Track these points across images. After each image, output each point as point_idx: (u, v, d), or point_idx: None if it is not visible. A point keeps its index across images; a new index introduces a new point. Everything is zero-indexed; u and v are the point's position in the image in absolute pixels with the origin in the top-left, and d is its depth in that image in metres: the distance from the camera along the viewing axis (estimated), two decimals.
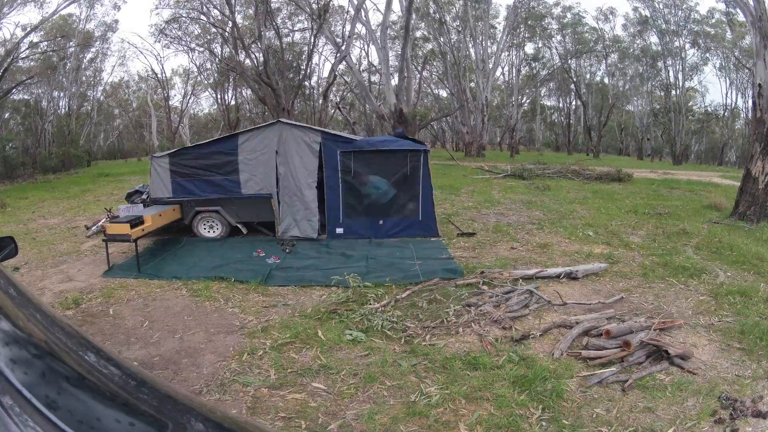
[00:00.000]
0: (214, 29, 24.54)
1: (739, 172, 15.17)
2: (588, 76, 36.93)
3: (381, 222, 7.27)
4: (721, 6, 26.45)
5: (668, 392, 3.05)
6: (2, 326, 0.51)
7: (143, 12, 56.14)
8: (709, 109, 34.74)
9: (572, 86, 35.12)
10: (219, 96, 33.14)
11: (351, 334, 3.85)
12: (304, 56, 25.66)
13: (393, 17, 24.76)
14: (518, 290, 4.64)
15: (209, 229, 7.36)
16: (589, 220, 8.53)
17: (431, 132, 39.61)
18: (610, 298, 4.63)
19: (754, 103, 8.66)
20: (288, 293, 4.97)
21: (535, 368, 3.26)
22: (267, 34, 22.40)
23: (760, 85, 8.33)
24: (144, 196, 7.52)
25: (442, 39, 28.35)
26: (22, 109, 25.08)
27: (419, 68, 30.78)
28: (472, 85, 29.81)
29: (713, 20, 28.90)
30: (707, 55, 30.47)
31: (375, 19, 28.31)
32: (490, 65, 28.56)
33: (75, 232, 8.02)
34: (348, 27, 22.57)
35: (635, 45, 33.11)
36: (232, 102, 33.15)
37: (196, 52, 28.99)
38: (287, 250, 6.52)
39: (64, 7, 22.35)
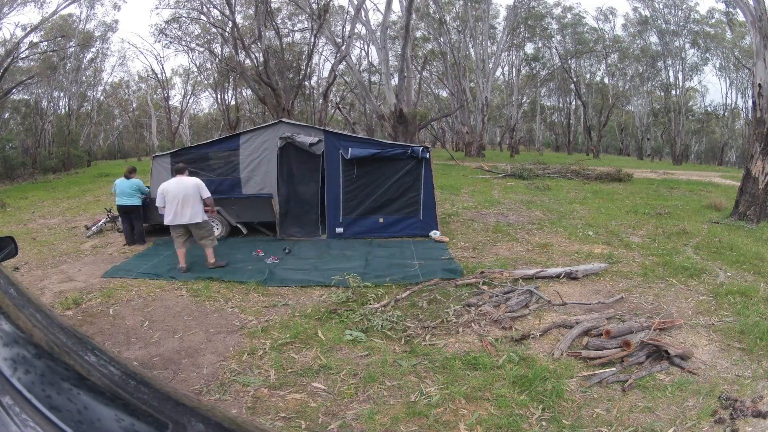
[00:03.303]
0: (214, 29, 24.55)
1: (739, 172, 15.19)
2: (588, 76, 36.97)
3: (381, 220, 7.25)
4: (721, 6, 26.47)
5: (668, 392, 3.05)
6: (2, 326, 0.51)
7: (143, 12, 56.19)
8: (709, 109, 34.78)
9: (572, 86, 35.11)
10: (219, 96, 33.18)
11: (351, 334, 3.85)
12: (304, 56, 25.64)
13: (393, 17, 24.78)
14: (518, 290, 4.64)
15: None
16: (589, 220, 8.53)
17: (431, 132, 39.60)
18: (610, 298, 4.63)
19: (754, 103, 8.66)
20: (288, 293, 4.97)
21: (535, 368, 3.26)
22: (267, 34, 22.40)
23: (760, 85, 8.33)
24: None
25: (442, 39, 28.34)
26: (22, 109, 25.13)
27: (419, 68, 30.74)
28: (472, 85, 29.81)
29: (713, 20, 28.92)
30: (707, 55, 30.49)
31: (375, 19, 28.26)
32: (490, 65, 28.54)
33: (75, 232, 8.02)
34: (348, 27, 22.55)
35: (635, 45, 33.12)
36: (232, 102, 33.18)
37: (196, 52, 29.03)
38: (287, 250, 6.52)
39: (64, 7, 22.42)
